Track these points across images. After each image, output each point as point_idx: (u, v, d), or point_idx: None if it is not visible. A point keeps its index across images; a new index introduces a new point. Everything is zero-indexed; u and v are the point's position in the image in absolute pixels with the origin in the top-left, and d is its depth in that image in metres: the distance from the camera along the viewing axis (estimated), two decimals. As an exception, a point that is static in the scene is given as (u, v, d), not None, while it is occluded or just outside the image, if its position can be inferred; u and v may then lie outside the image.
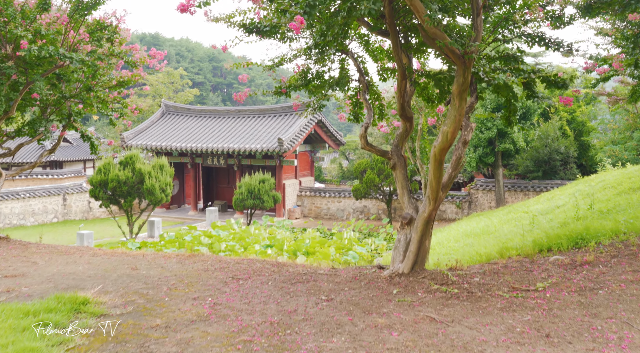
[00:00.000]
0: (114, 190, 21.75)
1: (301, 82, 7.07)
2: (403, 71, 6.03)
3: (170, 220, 31.90)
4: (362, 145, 6.74)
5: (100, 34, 8.92)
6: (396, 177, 6.36)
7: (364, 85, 7.07)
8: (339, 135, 34.26)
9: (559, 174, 27.44)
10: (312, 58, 7.08)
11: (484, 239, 14.40)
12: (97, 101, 9.88)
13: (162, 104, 36.85)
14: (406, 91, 6.20)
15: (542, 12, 6.14)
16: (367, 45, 7.60)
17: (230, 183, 35.13)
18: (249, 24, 6.57)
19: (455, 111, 5.25)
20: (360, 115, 7.73)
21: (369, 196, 27.63)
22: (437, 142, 5.44)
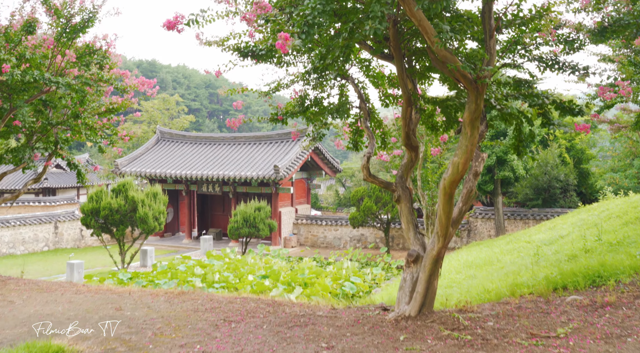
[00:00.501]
0: (106, 219, 21.22)
1: (299, 109, 6.66)
2: (408, 97, 5.62)
3: (164, 249, 31.27)
4: (364, 177, 6.29)
5: (89, 59, 8.52)
6: (401, 211, 5.91)
7: (365, 112, 6.66)
8: (335, 163, 33.88)
9: (558, 202, 27.03)
10: (310, 83, 6.68)
11: (487, 271, 13.90)
12: (86, 128, 9.44)
13: (157, 131, 36.48)
14: (411, 119, 5.79)
15: (555, 36, 5.76)
16: (367, 71, 7.21)
17: (225, 211, 34.60)
18: (243, 47, 6.18)
19: (467, 140, 4.83)
20: (360, 144, 7.30)
21: (366, 224, 27.14)
22: (447, 174, 4.99)
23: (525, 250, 15.56)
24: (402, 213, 5.84)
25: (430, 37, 4.32)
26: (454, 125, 6.24)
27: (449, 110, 5.95)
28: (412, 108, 5.72)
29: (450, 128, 6.29)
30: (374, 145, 6.39)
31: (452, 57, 4.46)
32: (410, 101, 5.64)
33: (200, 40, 6.36)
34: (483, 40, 5.35)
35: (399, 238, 29.31)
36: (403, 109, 5.68)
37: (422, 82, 6.83)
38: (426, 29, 4.35)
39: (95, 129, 9.58)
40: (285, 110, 6.79)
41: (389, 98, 7.23)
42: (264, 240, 31.89)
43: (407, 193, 5.89)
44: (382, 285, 19.57)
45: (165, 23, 4.56)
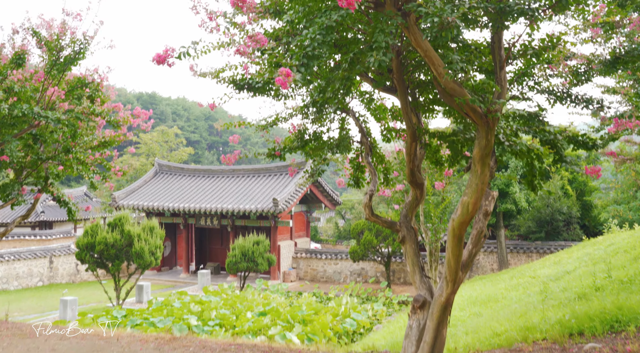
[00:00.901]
0: (101, 253, 20.78)
1: (297, 144, 6.35)
2: (413, 132, 5.32)
3: (161, 283, 30.70)
4: (366, 216, 5.95)
5: (81, 92, 8.26)
6: (406, 252, 5.54)
7: (367, 147, 6.35)
8: (335, 195, 33.55)
9: (562, 235, 26.63)
10: (310, 117, 6.39)
11: (493, 309, 13.44)
12: (77, 163, 9.12)
13: (155, 163, 36.24)
14: (416, 154, 5.47)
15: (567, 67, 5.49)
16: (368, 104, 6.93)
17: (223, 244, 34.12)
18: (239, 79, 5.89)
19: (477, 179, 4.50)
20: (361, 180, 6.98)
21: (366, 258, 26.66)
22: (456, 214, 4.63)
23: (530, 286, 15.10)
24: (407, 255, 5.47)
25: (438, 69, 4.04)
26: (460, 160, 5.91)
27: (455, 145, 5.64)
28: (416, 143, 5.41)
29: (456, 163, 5.97)
30: (377, 182, 6.06)
31: (460, 90, 4.16)
32: (415, 136, 5.33)
33: (195, 72, 6.09)
34: (491, 72, 5.07)
35: (400, 272, 28.79)
36: (407, 144, 5.36)
37: (426, 115, 6.54)
38: (433, 60, 4.06)
39: (87, 163, 9.27)
40: (283, 146, 6.48)
41: (391, 132, 6.93)
42: (263, 275, 31.34)
43: (412, 234, 5.53)
44: (384, 321, 19.04)
45: (154, 57, 4.27)
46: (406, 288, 27.12)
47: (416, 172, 5.50)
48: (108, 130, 9.51)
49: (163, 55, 4.22)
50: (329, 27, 3.74)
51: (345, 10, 3.75)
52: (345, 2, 3.23)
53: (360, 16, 4.84)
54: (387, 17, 3.90)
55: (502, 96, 4.61)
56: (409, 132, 5.30)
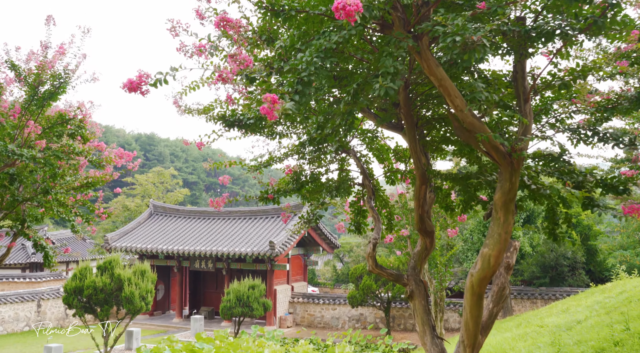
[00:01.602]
0: (89, 298, 19.92)
1: (293, 186, 5.75)
2: (423, 174, 4.71)
3: (153, 328, 29.66)
4: (370, 267, 5.28)
5: (62, 129, 7.68)
6: (414, 309, 4.86)
7: (369, 190, 5.75)
8: (333, 238, 32.81)
9: (567, 281, 25.81)
10: (306, 157, 5.80)
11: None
12: (58, 205, 8.47)
13: (150, 204, 35.57)
14: (425, 199, 4.85)
15: (592, 102, 4.93)
16: (371, 143, 6.35)
17: (218, 288, 33.18)
18: (228, 115, 5.33)
19: (500, 227, 3.86)
20: (363, 226, 6.34)
21: (365, 304, 25.75)
22: (475, 268, 3.95)
23: (540, 336, 14.28)
24: (417, 313, 4.79)
25: (455, 101, 3.47)
26: (475, 205, 5.29)
27: (469, 189, 5.03)
28: (426, 186, 4.80)
29: (469, 208, 5.35)
30: (380, 228, 5.44)
31: (481, 125, 3.58)
32: (425, 178, 4.73)
33: (180, 108, 5.54)
34: (510, 107, 4.49)
35: (400, 319, 27.84)
36: (416, 188, 4.75)
37: (434, 156, 5.96)
38: (449, 90, 3.49)
39: (67, 205, 8.62)
40: (277, 188, 5.88)
41: (395, 174, 6.34)
42: (259, 320, 30.33)
43: (421, 288, 4.86)
44: (384, 372, 18.14)
45: (125, 83, 3.65)
46: (407, 335, 26.14)
47: (426, 219, 4.87)
48: (93, 171, 8.91)
49: (136, 81, 3.62)
50: (327, 50, 3.18)
51: (347, 30, 3.20)
52: (344, 13, 2.67)
53: (363, 44, 4.31)
54: (396, 39, 3.34)
55: (528, 132, 4.02)
56: (418, 174, 4.70)
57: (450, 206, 5.80)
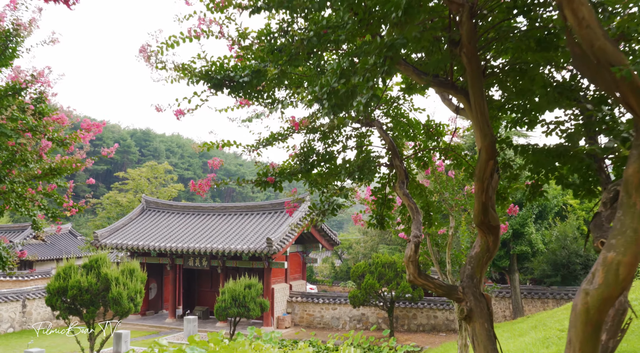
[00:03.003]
0: (74, 299, 18.57)
1: (301, 167, 4.43)
2: (491, 144, 3.32)
3: (145, 329, 28.33)
4: (411, 276, 3.91)
5: (13, 102, 6.30)
6: (474, 335, 3.51)
7: (401, 172, 4.42)
8: (333, 235, 31.51)
9: (579, 279, 24.54)
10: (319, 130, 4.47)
11: (525, 372, 11.35)
12: (15, 197, 7.11)
13: (143, 200, 34.22)
14: (491, 182, 3.50)
15: None
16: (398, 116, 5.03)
17: (213, 287, 31.86)
18: (215, 70, 4.00)
19: (636, 219, 2.52)
20: (388, 219, 5.03)
21: (367, 303, 24.46)
22: (593, 284, 2.49)
23: (564, 342, 13.01)
24: (477, 340, 3.45)
25: (578, 9, 2.16)
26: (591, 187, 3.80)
27: (580, 165, 3.57)
28: (495, 163, 3.45)
29: (539, 195, 4.02)
30: (420, 222, 4.10)
31: (616, 52, 2.25)
32: (494, 151, 3.37)
33: (150, 63, 4.19)
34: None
35: (404, 319, 26.56)
36: (480, 166, 3.39)
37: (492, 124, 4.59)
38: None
39: (25, 197, 7.25)
40: (279, 170, 4.55)
41: (427, 154, 5.01)
42: (256, 320, 29.03)
43: (483, 306, 3.51)
44: (389, 377, 16.88)
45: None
46: (411, 336, 24.88)
47: (490, 209, 3.53)
48: (60, 157, 7.56)
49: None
50: None
51: None
52: None
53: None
54: None
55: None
56: (484, 145, 3.32)
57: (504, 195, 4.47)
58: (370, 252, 43.30)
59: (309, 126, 4.57)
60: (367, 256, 43.67)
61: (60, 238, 44.33)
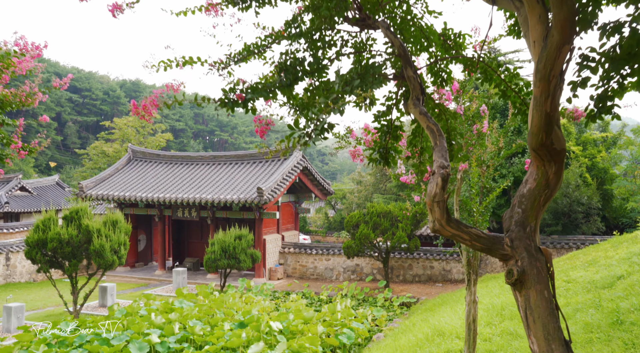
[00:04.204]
0: (54, 251, 17.63)
1: (282, 80, 3.33)
2: (568, 19, 2.18)
3: (134, 281, 27.61)
4: (436, 223, 2.77)
5: None
6: (526, 305, 2.48)
7: (415, 86, 3.32)
8: (326, 184, 30.53)
9: (580, 228, 23.80)
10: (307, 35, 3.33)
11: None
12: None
13: (129, 149, 33.00)
14: (560, 84, 2.37)
15: None
16: (406, 23, 3.89)
17: (203, 238, 31.06)
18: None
19: None
20: (394, 154, 3.95)
21: (362, 254, 23.69)
22: None
23: (573, 295, 12.16)
24: (532, 314, 2.41)
25: None
26: None
27: None
28: (570, 50, 2.32)
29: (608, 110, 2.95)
30: (446, 149, 3.00)
31: None
32: (572, 30, 2.24)
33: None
34: None
35: (400, 269, 25.88)
36: (548, 55, 2.25)
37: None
38: None
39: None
40: (254, 85, 3.44)
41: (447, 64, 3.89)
42: (248, 271, 28.36)
43: (541, 265, 2.46)
44: (384, 328, 16.16)
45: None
46: (407, 286, 24.25)
47: (555, 126, 2.43)
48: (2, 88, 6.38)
49: None
50: None
51: None
52: None
53: None
54: None
55: None
56: (558, 18, 2.17)
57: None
58: (365, 202, 42.53)
59: (291, 30, 3.45)
60: (362, 206, 42.92)
61: (48, 190, 43.28)
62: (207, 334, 13.43)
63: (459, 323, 12.10)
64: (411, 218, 22.94)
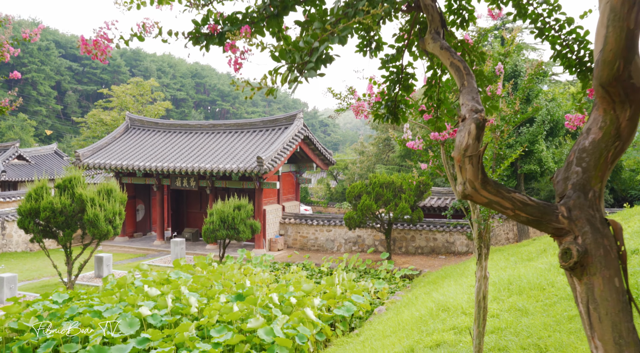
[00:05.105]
0: (47, 221, 17.11)
1: (266, 8, 2.66)
2: None
3: (132, 252, 27.20)
4: (467, 186, 2.11)
5: None
6: (587, 296, 1.86)
7: (435, 16, 2.63)
8: (328, 154, 29.87)
9: (588, 200, 23.15)
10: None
11: (541, 302, 9.99)
12: None
13: (127, 117, 32.30)
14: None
15: None
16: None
17: (202, 208, 30.55)
18: None
19: None
20: (405, 107, 3.31)
21: (364, 225, 23.17)
22: None
23: (584, 269, 11.65)
24: (598, 307, 1.81)
25: None
26: None
27: None
28: None
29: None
30: (476, 89, 2.34)
31: None
32: None
33: None
34: None
35: (402, 241, 25.39)
36: None
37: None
38: None
39: None
40: (231, 16, 2.77)
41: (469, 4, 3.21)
42: (247, 242, 27.91)
43: (609, 243, 1.84)
44: (386, 301, 15.71)
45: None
46: (409, 258, 23.78)
47: (637, 54, 1.79)
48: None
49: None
50: None
51: None
52: None
53: None
54: None
55: None
56: None
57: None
58: (367, 173, 41.92)
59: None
60: (364, 177, 42.33)
61: (46, 159, 42.68)
62: (203, 307, 12.94)
63: (464, 298, 11.58)
64: (415, 189, 22.37)
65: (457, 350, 7.93)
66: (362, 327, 13.43)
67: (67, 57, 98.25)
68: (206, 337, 11.14)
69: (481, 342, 6.94)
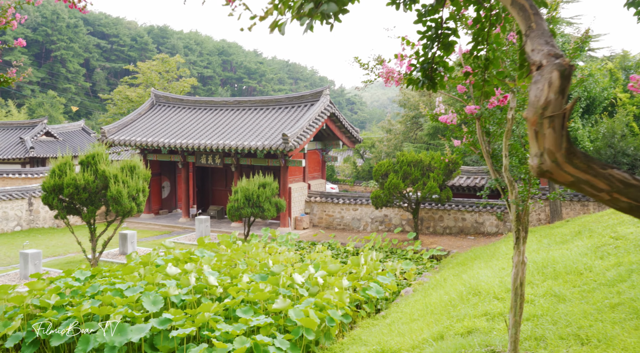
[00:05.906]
0: (71, 197, 16.98)
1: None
2: None
3: (157, 229, 27.16)
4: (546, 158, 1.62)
5: None
6: None
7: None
8: (354, 132, 29.31)
9: (625, 181, 22.28)
10: None
11: (579, 287, 9.44)
12: None
13: (152, 94, 32.09)
14: None
15: None
16: None
17: (227, 186, 30.33)
18: None
19: None
20: (444, 70, 2.82)
21: (390, 204, 22.66)
22: None
23: (625, 254, 10.99)
24: None
25: None
26: None
27: None
28: None
29: None
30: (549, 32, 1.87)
31: None
32: None
33: None
34: None
35: (430, 221, 24.84)
36: None
37: None
38: None
39: None
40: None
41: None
42: (273, 221, 27.65)
43: None
44: (414, 283, 15.26)
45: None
46: (437, 239, 23.26)
47: None
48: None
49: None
50: None
51: None
52: None
53: None
54: None
55: None
56: None
57: None
58: (394, 151, 41.26)
59: None
60: (391, 155, 41.69)
61: (73, 135, 42.89)
62: (226, 286, 12.64)
63: (496, 281, 11.06)
64: (444, 168, 21.76)
65: (490, 339, 7.46)
66: (388, 309, 13.02)
67: (95, 35, 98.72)
68: (232, 317, 10.85)
69: (517, 332, 6.47)
